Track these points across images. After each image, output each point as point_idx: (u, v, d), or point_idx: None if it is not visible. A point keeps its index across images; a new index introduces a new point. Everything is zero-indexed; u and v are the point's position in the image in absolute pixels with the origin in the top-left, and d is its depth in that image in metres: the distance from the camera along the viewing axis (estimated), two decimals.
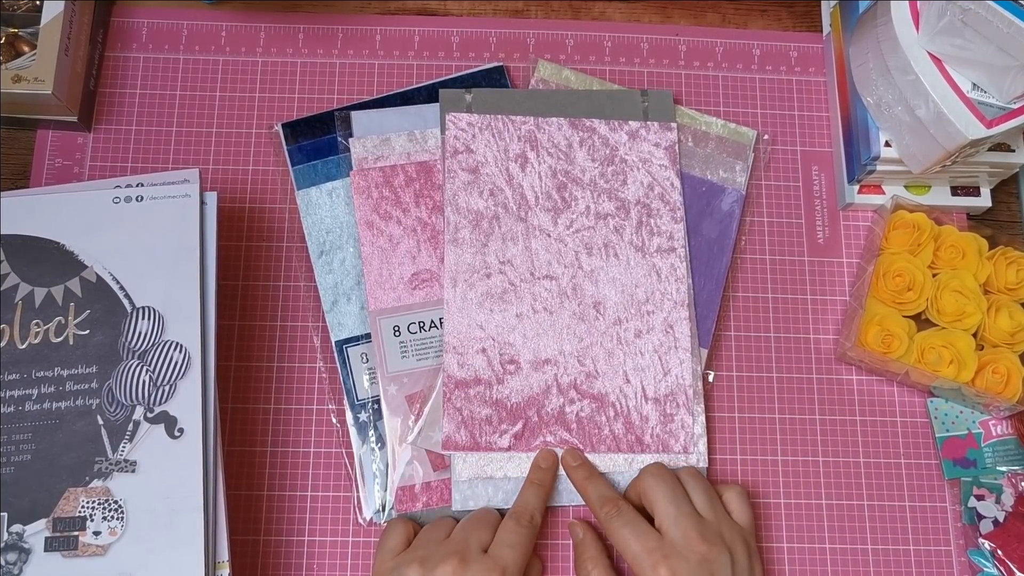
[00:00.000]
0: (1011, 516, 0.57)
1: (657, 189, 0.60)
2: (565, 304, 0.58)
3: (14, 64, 0.58)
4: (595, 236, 0.59)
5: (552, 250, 0.58)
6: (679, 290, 0.58)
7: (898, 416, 0.61)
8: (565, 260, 0.58)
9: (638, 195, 0.60)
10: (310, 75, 0.65)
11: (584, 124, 0.61)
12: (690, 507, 0.51)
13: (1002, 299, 0.59)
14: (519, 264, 0.58)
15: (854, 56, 0.61)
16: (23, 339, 0.51)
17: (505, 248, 0.58)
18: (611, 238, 0.59)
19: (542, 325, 0.57)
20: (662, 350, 0.58)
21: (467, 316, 0.57)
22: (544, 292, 0.58)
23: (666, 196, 0.60)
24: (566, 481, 0.56)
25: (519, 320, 0.57)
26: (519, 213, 0.59)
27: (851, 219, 0.65)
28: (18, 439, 0.49)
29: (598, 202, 0.60)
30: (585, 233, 0.59)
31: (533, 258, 0.58)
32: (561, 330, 0.57)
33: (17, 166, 0.62)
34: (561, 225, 0.59)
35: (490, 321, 0.57)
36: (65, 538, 0.48)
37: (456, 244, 0.58)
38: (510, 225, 0.59)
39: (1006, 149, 0.59)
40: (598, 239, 0.59)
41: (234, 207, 0.62)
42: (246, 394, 0.59)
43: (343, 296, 0.59)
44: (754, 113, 0.66)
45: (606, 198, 0.60)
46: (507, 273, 0.58)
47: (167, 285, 0.52)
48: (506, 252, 0.58)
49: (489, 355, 0.57)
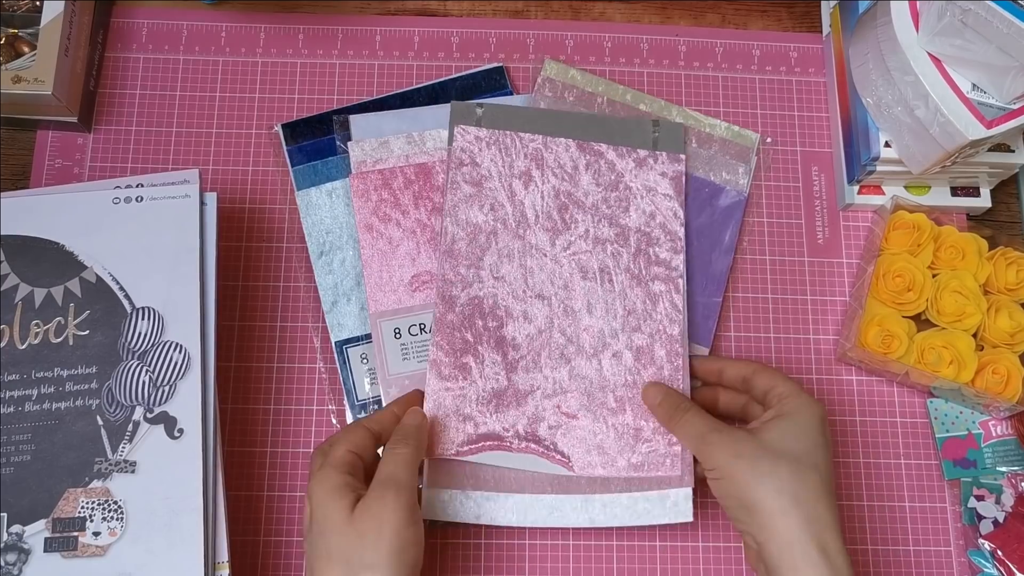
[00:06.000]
0: (1011, 516, 0.57)
1: (659, 219, 0.59)
2: (555, 324, 0.57)
3: (14, 64, 0.58)
4: (591, 260, 0.58)
5: (547, 270, 0.57)
6: (673, 321, 0.57)
7: (898, 416, 0.61)
8: (558, 282, 0.57)
9: (639, 223, 0.59)
10: (310, 75, 0.65)
11: (592, 148, 0.60)
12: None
13: (1002, 299, 0.59)
14: (512, 281, 0.57)
15: (854, 56, 0.61)
16: (23, 339, 0.51)
17: (500, 264, 0.57)
18: (607, 263, 0.58)
19: (530, 344, 0.56)
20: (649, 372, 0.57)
21: (457, 328, 0.56)
22: (535, 311, 0.57)
23: (668, 226, 0.59)
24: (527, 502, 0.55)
25: (508, 334, 0.56)
26: (517, 230, 0.58)
27: (851, 219, 0.65)
28: (18, 439, 0.49)
29: (598, 226, 0.59)
30: (582, 256, 0.58)
31: (527, 276, 0.57)
32: (549, 351, 0.56)
33: (17, 166, 0.62)
34: (559, 246, 0.58)
35: (480, 335, 0.56)
36: (65, 538, 0.48)
37: (451, 256, 0.57)
38: (507, 241, 0.58)
39: (1006, 149, 0.59)
40: (594, 263, 0.58)
41: (234, 207, 0.62)
42: (246, 394, 0.59)
43: (343, 296, 0.59)
44: (754, 113, 0.66)
45: (607, 223, 0.59)
46: (498, 289, 0.57)
47: (167, 285, 0.52)
48: (500, 268, 0.57)
49: (473, 367, 0.56)
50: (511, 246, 0.58)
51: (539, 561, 0.57)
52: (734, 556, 0.57)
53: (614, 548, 0.57)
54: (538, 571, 0.57)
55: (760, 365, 0.55)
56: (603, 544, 0.57)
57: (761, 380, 0.53)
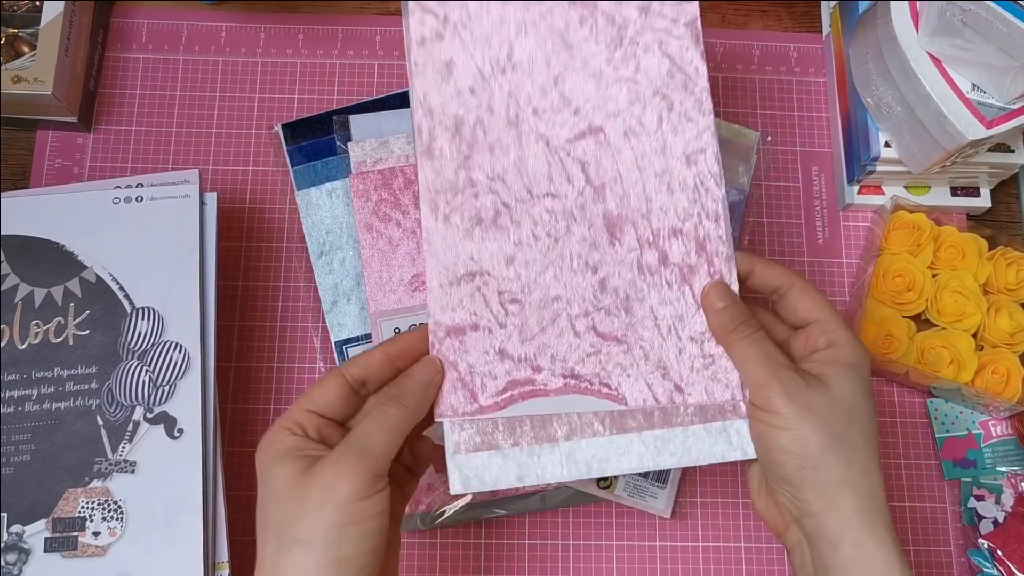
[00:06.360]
0: (1011, 517, 0.57)
1: (679, 77, 0.49)
2: (572, 228, 0.47)
3: (14, 64, 0.58)
4: (604, 141, 0.48)
5: (553, 162, 0.47)
6: (713, 199, 0.47)
7: (898, 416, 0.61)
8: (570, 173, 0.47)
9: (656, 85, 0.48)
10: (310, 75, 0.65)
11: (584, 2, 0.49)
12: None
13: (1002, 299, 0.59)
14: (512, 180, 0.47)
15: (854, 56, 0.61)
16: (23, 339, 0.51)
17: (494, 160, 0.47)
18: (623, 143, 0.48)
19: (547, 255, 0.47)
20: (694, 277, 0.47)
21: (453, 247, 0.46)
22: (546, 214, 0.47)
23: (690, 85, 0.49)
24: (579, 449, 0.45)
25: (518, 249, 0.47)
26: (508, 116, 0.47)
27: (851, 219, 0.65)
28: (18, 439, 0.49)
29: (606, 96, 0.48)
30: (591, 138, 0.48)
31: (529, 171, 0.47)
32: (570, 260, 0.47)
33: (17, 166, 0.62)
34: (562, 129, 0.48)
35: (482, 252, 0.46)
36: (65, 538, 0.48)
37: (431, 156, 0.47)
38: (498, 132, 0.47)
39: (1006, 149, 0.59)
40: (608, 145, 0.48)
41: (234, 207, 0.62)
42: (246, 394, 0.59)
43: (343, 296, 0.59)
44: (754, 113, 0.66)
45: (616, 89, 0.48)
46: (499, 192, 0.47)
47: (167, 285, 0.52)
48: (495, 166, 0.47)
49: (485, 293, 0.46)
50: (504, 138, 0.47)
51: (539, 561, 0.57)
52: (734, 556, 0.57)
53: (614, 548, 0.57)
54: (538, 571, 0.57)
55: (800, 279, 0.46)
56: (603, 544, 0.57)
57: (802, 303, 0.45)
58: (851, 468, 0.41)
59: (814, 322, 0.45)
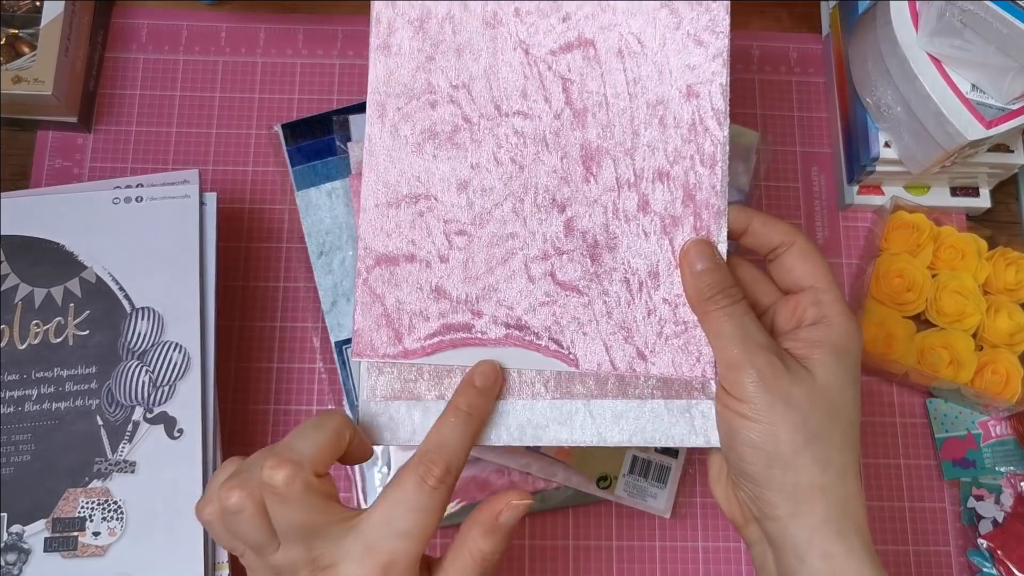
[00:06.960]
0: (1010, 517, 0.57)
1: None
2: (543, 156, 0.41)
3: (14, 65, 0.58)
4: (594, 57, 0.41)
5: (530, 74, 0.41)
6: (712, 141, 0.41)
7: (897, 416, 0.61)
8: (548, 90, 0.41)
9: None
10: (310, 75, 0.65)
11: None
12: None
13: (1001, 300, 0.59)
14: (479, 91, 0.41)
15: (854, 57, 0.61)
16: (23, 339, 0.51)
17: (460, 65, 0.41)
18: (615, 62, 0.41)
19: (508, 184, 0.41)
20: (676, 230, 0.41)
21: (398, 162, 0.41)
22: (513, 136, 0.41)
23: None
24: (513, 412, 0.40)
25: (475, 173, 0.41)
26: (485, 13, 0.41)
27: (851, 220, 0.65)
28: (18, 439, 0.49)
29: (601, 3, 0.41)
30: (579, 51, 0.41)
31: (501, 83, 0.41)
32: (534, 193, 0.41)
33: (17, 166, 0.62)
34: (547, 37, 0.41)
35: (432, 172, 0.41)
36: (65, 538, 0.48)
37: (387, 52, 0.41)
38: (470, 32, 0.41)
39: (1005, 150, 0.59)
40: (598, 62, 0.41)
41: (234, 207, 0.62)
42: (246, 394, 0.59)
43: (343, 296, 0.59)
44: (753, 114, 0.66)
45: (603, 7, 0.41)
46: (461, 103, 0.41)
47: (167, 286, 0.52)
48: (461, 72, 0.41)
49: (428, 220, 0.40)
50: (476, 39, 0.41)
51: (539, 561, 0.57)
52: (734, 556, 0.57)
53: (614, 548, 0.57)
54: (538, 571, 0.57)
55: (803, 238, 0.41)
56: (603, 544, 0.57)
57: (799, 264, 0.40)
58: (826, 472, 0.36)
59: (808, 288, 0.40)
